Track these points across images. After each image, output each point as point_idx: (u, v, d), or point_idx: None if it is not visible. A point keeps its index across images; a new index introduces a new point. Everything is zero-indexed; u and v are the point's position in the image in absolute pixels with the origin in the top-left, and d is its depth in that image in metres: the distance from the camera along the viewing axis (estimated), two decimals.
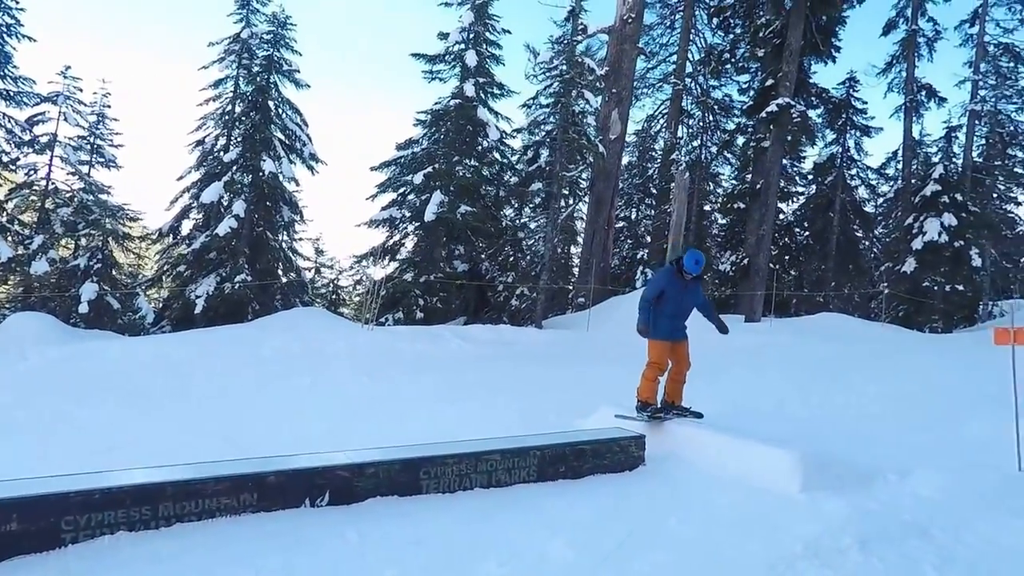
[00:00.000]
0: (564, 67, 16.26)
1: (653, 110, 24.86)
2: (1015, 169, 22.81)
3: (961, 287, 19.78)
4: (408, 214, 15.26)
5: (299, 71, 16.54)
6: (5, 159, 15.36)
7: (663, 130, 24.32)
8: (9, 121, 15.69)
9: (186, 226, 16.52)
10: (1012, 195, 25.43)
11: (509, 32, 16.49)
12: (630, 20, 19.10)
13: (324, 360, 11.16)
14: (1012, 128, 22.20)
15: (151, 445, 5.95)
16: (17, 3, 15.81)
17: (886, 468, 5.00)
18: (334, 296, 22.00)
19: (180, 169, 16.64)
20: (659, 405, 6.00)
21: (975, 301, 20.49)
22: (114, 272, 15.44)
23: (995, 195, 23.82)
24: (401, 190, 15.40)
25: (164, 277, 16.02)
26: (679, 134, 23.86)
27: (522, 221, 16.45)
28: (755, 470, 5.00)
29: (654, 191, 24.60)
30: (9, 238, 14.79)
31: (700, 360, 6.53)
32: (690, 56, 23.93)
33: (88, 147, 16.39)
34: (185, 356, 10.82)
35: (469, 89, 15.16)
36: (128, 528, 3.65)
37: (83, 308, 13.90)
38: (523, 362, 11.76)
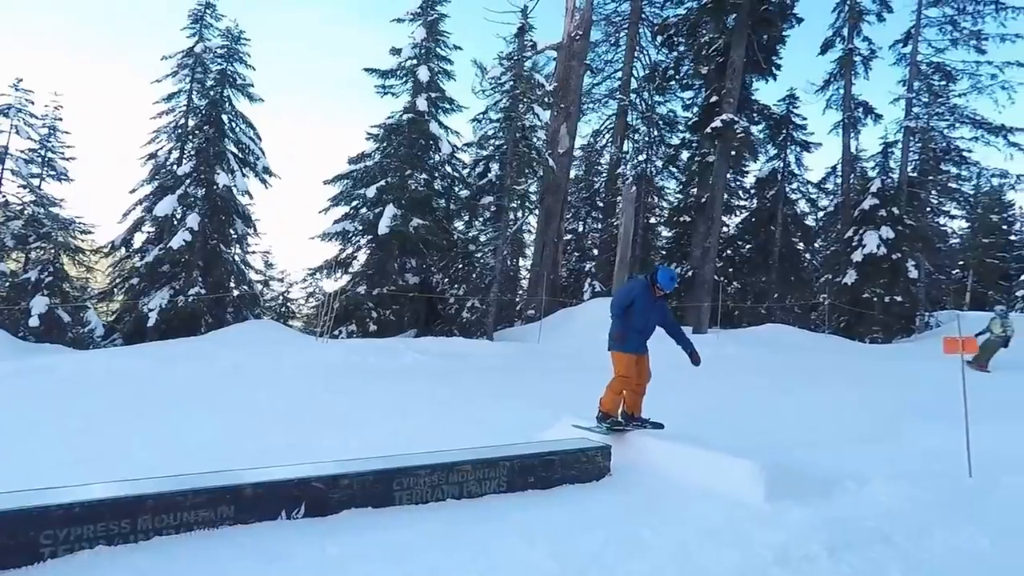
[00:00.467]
0: (513, 83, 16.62)
1: (599, 125, 25.52)
2: (948, 184, 24.08)
3: (899, 298, 20.82)
4: (361, 227, 15.31)
5: (253, 85, 16.73)
6: None
7: (609, 144, 24.96)
8: None
9: (138, 239, 16.29)
10: (944, 209, 26.99)
11: (460, 48, 16.84)
12: (577, 37, 19.67)
13: (281, 373, 11.16)
14: (944, 144, 23.41)
15: (115, 459, 5.83)
16: None
17: (844, 476, 5.21)
18: (283, 309, 21.75)
19: (130, 182, 16.32)
20: (619, 417, 6.04)
21: (912, 312, 21.54)
22: (65, 285, 14.99)
23: (929, 209, 25.12)
24: (354, 203, 15.48)
25: (115, 290, 15.62)
26: (625, 148, 24.55)
27: (472, 234, 16.66)
28: (719, 480, 5.05)
29: (600, 204, 25.20)
30: None
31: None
32: (635, 72, 24.70)
33: (39, 160, 15.95)
34: (141, 370, 10.73)
35: (422, 104, 15.40)
36: (107, 542, 3.65)
37: (34, 322, 13.53)
38: (478, 374, 12.00)
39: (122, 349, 12.67)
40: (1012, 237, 35.50)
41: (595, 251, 23.98)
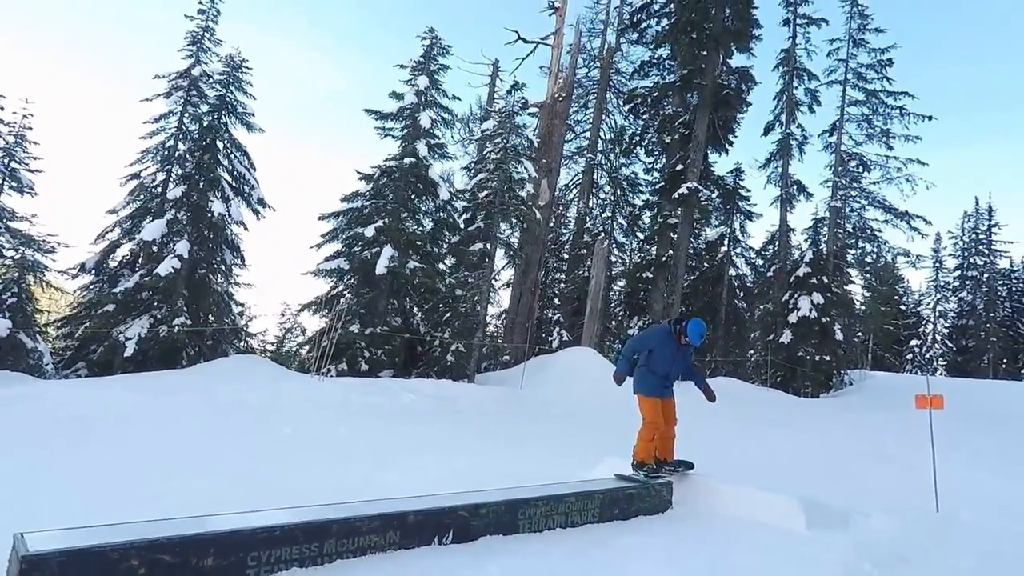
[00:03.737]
0: (505, 137, 17.50)
1: (568, 180, 26.80)
2: (863, 259, 26.94)
3: (828, 357, 22.83)
4: (353, 266, 15.42)
5: (253, 115, 16.48)
6: None
7: (576, 199, 26.27)
8: None
9: (112, 262, 15.46)
10: (852, 280, 30.13)
11: (459, 99, 17.52)
12: (560, 98, 20.96)
13: (289, 410, 11.03)
14: (861, 223, 26.34)
15: (198, 495, 5.78)
16: None
17: (849, 510, 5.88)
18: (263, 344, 21.13)
19: (101, 202, 15.63)
20: (655, 464, 6.23)
21: (837, 370, 23.58)
22: (28, 308, 14.06)
23: (849, 279, 27.87)
24: (350, 242, 15.57)
25: (82, 315, 14.78)
26: (591, 204, 25.94)
27: (457, 279, 17.09)
28: (762, 512, 5.80)
29: (566, 256, 26.29)
30: None
31: (614, 422, 7.04)
32: (601, 135, 26.35)
33: (3, 170, 15.03)
34: (137, 403, 10.23)
35: (422, 149, 15.88)
36: (299, 564, 3.88)
37: None
38: (483, 417, 12.33)
39: (102, 380, 12.01)
40: (902, 307, 39.70)
41: (556, 301, 24.80)
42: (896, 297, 38.70)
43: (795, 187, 26.12)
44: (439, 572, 4.19)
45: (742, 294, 26.80)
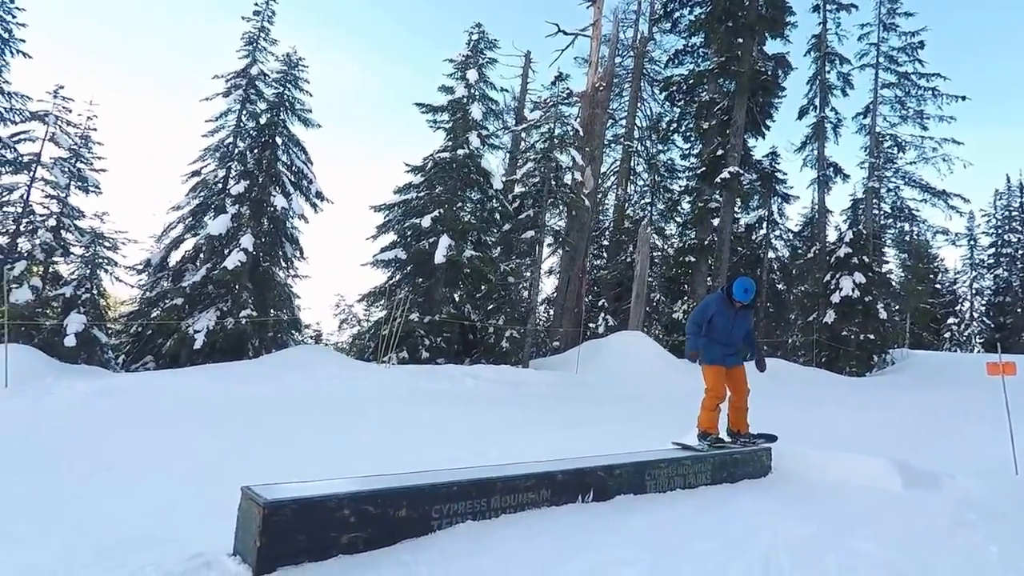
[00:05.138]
0: (552, 126, 17.74)
1: (605, 168, 26.93)
2: (903, 238, 26.86)
3: (872, 336, 22.81)
4: (410, 255, 15.77)
5: (311, 111, 16.88)
6: None
7: (615, 186, 26.44)
8: None
9: (174, 257, 16.01)
10: (886, 260, 30.02)
11: (507, 90, 17.80)
12: (601, 87, 21.11)
13: (360, 396, 11.39)
14: (899, 203, 26.27)
15: (321, 466, 6.09)
16: (15, 17, 15.17)
17: (938, 473, 5.93)
18: (318, 334, 21.60)
19: (161, 200, 16.11)
20: (719, 435, 6.12)
21: (883, 349, 23.54)
22: (102, 303, 14.62)
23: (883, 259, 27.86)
24: (406, 232, 15.93)
25: (148, 310, 15.31)
26: (629, 191, 26.11)
27: (509, 267, 17.39)
28: (858, 475, 6.03)
29: (606, 243, 26.47)
30: None
31: (680, 403, 6.97)
32: (637, 122, 26.47)
33: (71, 170, 15.59)
34: (223, 391, 10.65)
35: (474, 140, 16.17)
36: (472, 518, 4.16)
37: (70, 341, 13.09)
38: (548, 400, 12.58)
39: (180, 371, 12.48)
40: (937, 286, 39.32)
41: (597, 287, 25.00)
42: (932, 276, 38.30)
43: (831, 169, 26.10)
44: (593, 524, 4.45)
45: (781, 276, 26.79)
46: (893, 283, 30.74)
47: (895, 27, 25.39)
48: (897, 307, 31.59)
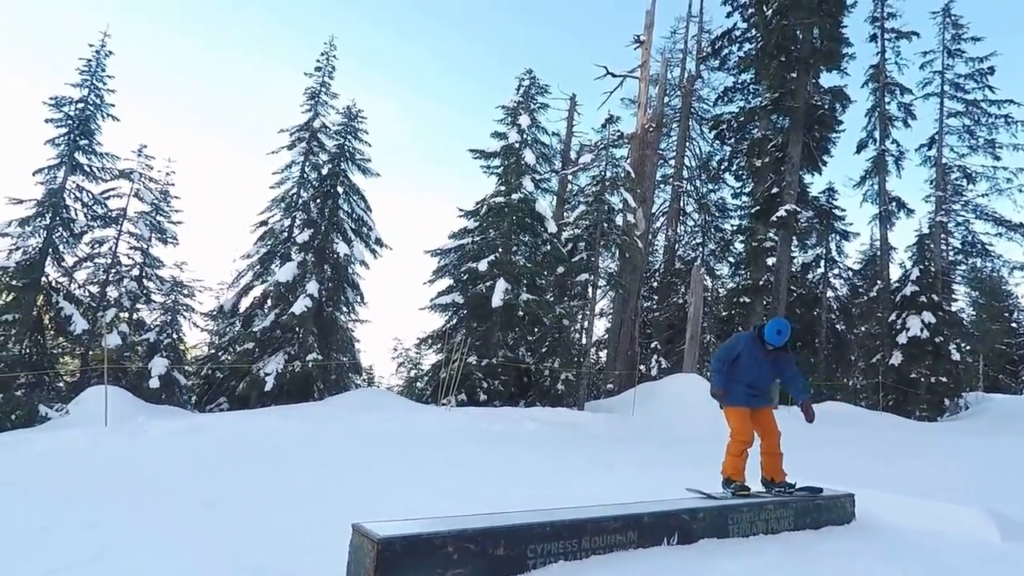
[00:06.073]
0: (603, 169, 18.06)
1: (654, 208, 27.01)
2: (977, 275, 25.76)
3: (944, 379, 21.85)
4: (467, 299, 16.12)
5: (370, 160, 17.70)
6: (77, 230, 15.60)
7: (664, 227, 26.47)
8: (85, 194, 16.10)
9: (244, 303, 16.80)
10: (955, 298, 28.71)
11: (557, 134, 18.27)
12: (651, 129, 21.40)
13: (425, 437, 11.57)
14: (970, 238, 25.32)
15: (422, 509, 6.22)
16: (105, 84, 16.61)
17: None
18: (370, 377, 22.14)
19: (230, 249, 17.08)
20: (745, 482, 5.71)
21: (956, 392, 22.50)
22: (181, 347, 15.46)
23: (957, 298, 26.73)
24: (464, 277, 16.34)
25: (220, 354, 16.06)
26: (679, 231, 26.09)
27: (564, 310, 17.53)
28: (946, 525, 5.75)
29: (656, 284, 26.37)
30: (80, 310, 14.79)
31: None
32: (686, 162, 26.60)
33: (152, 223, 16.72)
34: (297, 431, 11.01)
35: (528, 184, 16.60)
36: (564, 558, 4.22)
37: (154, 383, 13.84)
38: (607, 442, 12.47)
39: (253, 412, 12.97)
40: (1013, 325, 37.26)
41: (648, 329, 24.84)
42: (1007, 314, 36.51)
43: (894, 204, 25.43)
44: (683, 568, 4.45)
45: (840, 316, 26.06)
46: (965, 323, 29.48)
47: (961, 53, 24.75)
48: (969, 348, 30.21)
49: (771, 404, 5.84)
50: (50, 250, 15.46)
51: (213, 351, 16.61)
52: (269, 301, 16.15)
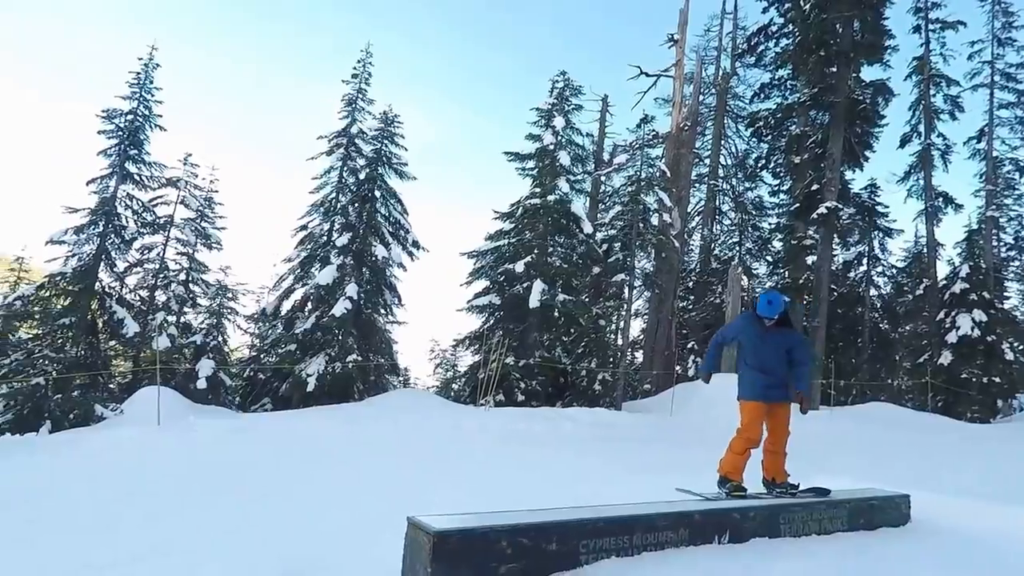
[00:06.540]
0: (639, 169, 17.97)
1: (690, 208, 26.72)
2: None
3: (997, 379, 21.10)
4: (504, 300, 16.20)
5: (406, 164, 17.99)
6: (128, 237, 16.22)
7: (700, 226, 26.16)
8: (135, 202, 16.69)
9: (285, 306, 17.20)
10: (1007, 295, 27.65)
11: (591, 135, 18.22)
12: (686, 128, 21.19)
13: (466, 437, 11.64)
14: (1023, 233, 24.43)
15: (449, 499, 6.31)
16: (153, 96, 17.22)
17: None
18: (406, 378, 22.44)
19: (270, 253, 17.40)
20: (742, 482, 5.37)
21: (1011, 393, 21.74)
22: (226, 349, 15.92)
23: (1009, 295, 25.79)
24: (500, 278, 16.43)
25: (262, 356, 16.46)
26: (715, 231, 25.77)
27: (599, 310, 17.47)
28: (1007, 527, 5.61)
29: (691, 284, 26.04)
30: (131, 314, 15.36)
31: (793, 450, 6.42)
32: (722, 160, 26.25)
33: (198, 229, 17.25)
34: (342, 431, 11.18)
35: (563, 185, 16.62)
36: (616, 554, 4.22)
37: (201, 384, 14.27)
38: (649, 442, 12.36)
39: (297, 412, 13.28)
40: None
41: (685, 329, 24.56)
42: None
43: (940, 199, 24.72)
44: (736, 569, 4.40)
45: (884, 314, 25.38)
46: (1018, 321, 28.38)
47: (1012, 42, 23.89)
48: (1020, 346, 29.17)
49: (787, 400, 5.29)
50: (103, 256, 16.06)
51: (255, 353, 17.00)
52: (309, 304, 16.48)
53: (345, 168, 18.00)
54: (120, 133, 16.93)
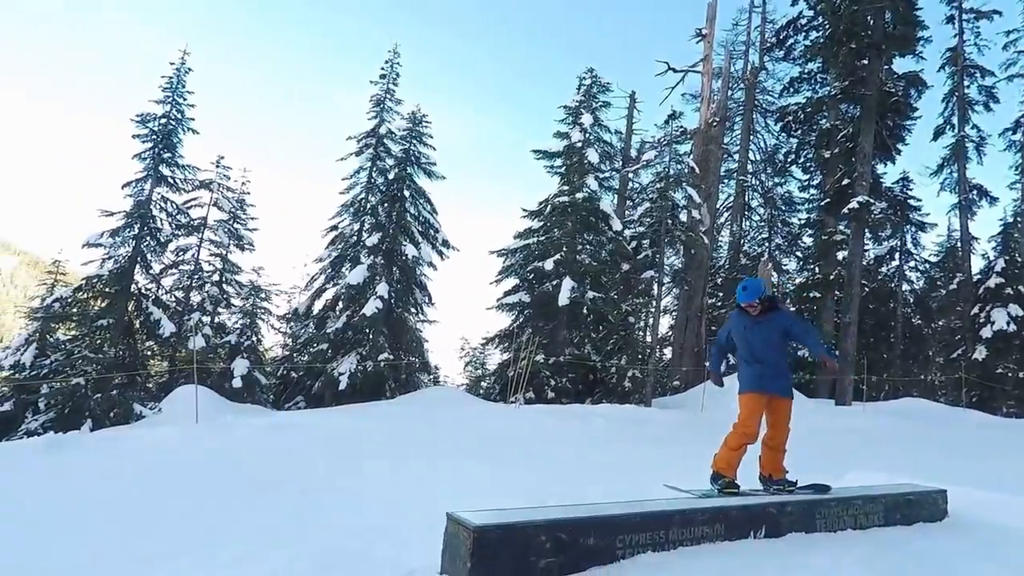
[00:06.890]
0: (667, 166, 17.89)
1: (718, 204, 26.50)
2: None
3: None
4: (534, 298, 16.27)
5: (435, 164, 18.15)
6: (163, 239, 16.65)
7: (729, 222, 25.94)
8: (170, 205, 17.12)
9: (317, 306, 17.49)
10: None
11: (620, 132, 18.18)
12: (714, 123, 21.02)
13: (499, 434, 11.73)
14: None
15: (487, 495, 6.37)
16: (186, 100, 17.63)
17: None
18: (435, 377, 22.62)
19: (302, 255, 17.65)
20: (736, 479, 5.21)
21: None
22: (260, 348, 16.27)
23: None
24: (529, 276, 16.51)
25: (295, 355, 16.77)
26: (744, 227, 25.51)
27: (628, 307, 17.44)
28: None
29: (720, 280, 25.83)
30: (167, 315, 15.78)
31: (827, 445, 6.05)
32: (750, 155, 25.98)
33: (231, 230, 17.62)
34: (375, 427, 11.34)
35: (592, 183, 16.62)
36: (652, 549, 4.25)
37: (236, 383, 14.59)
38: (683, 438, 12.35)
39: (331, 410, 13.50)
40: None
41: (714, 326, 24.35)
42: None
43: (975, 192, 24.19)
44: (773, 563, 4.40)
45: (917, 309, 24.90)
46: None
47: None
48: None
49: (788, 394, 5.21)
50: (139, 258, 16.50)
51: (288, 352, 17.31)
52: (340, 303, 16.72)
53: (374, 168, 18.21)
54: (154, 136, 17.32)
